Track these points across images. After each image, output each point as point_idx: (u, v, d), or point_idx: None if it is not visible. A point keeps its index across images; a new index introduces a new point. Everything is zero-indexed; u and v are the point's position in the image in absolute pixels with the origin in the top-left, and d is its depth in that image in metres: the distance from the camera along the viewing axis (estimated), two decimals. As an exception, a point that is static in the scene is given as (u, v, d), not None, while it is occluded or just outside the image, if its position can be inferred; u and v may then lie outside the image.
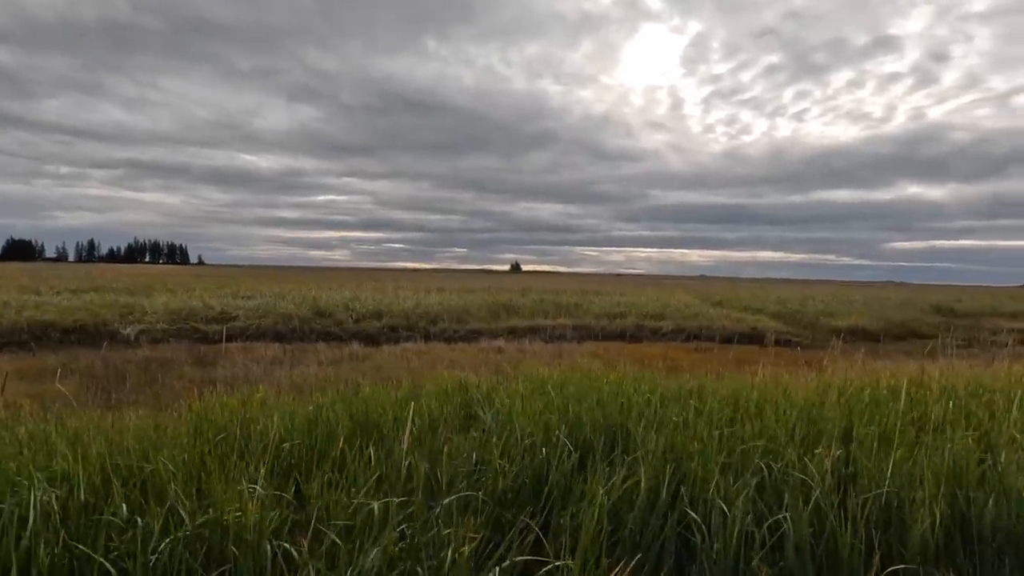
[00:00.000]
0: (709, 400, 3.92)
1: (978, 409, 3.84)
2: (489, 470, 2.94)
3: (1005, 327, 23.72)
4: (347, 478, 2.89)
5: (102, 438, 3.51)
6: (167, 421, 4.33)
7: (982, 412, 3.78)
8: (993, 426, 3.46)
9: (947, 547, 2.21)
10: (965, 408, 3.86)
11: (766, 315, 22.87)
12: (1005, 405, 4.00)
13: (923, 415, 3.53)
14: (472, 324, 18.18)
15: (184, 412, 4.32)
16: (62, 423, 3.95)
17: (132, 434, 3.50)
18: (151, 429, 3.87)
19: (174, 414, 4.44)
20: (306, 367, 10.01)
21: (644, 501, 2.27)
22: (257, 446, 3.29)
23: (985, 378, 5.23)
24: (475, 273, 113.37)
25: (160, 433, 3.58)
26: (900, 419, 3.17)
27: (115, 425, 4.08)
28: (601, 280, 73.76)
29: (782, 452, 2.62)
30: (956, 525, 2.27)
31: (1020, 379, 5.30)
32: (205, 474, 2.82)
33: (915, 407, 3.68)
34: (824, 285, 75.63)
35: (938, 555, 2.17)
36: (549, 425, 3.32)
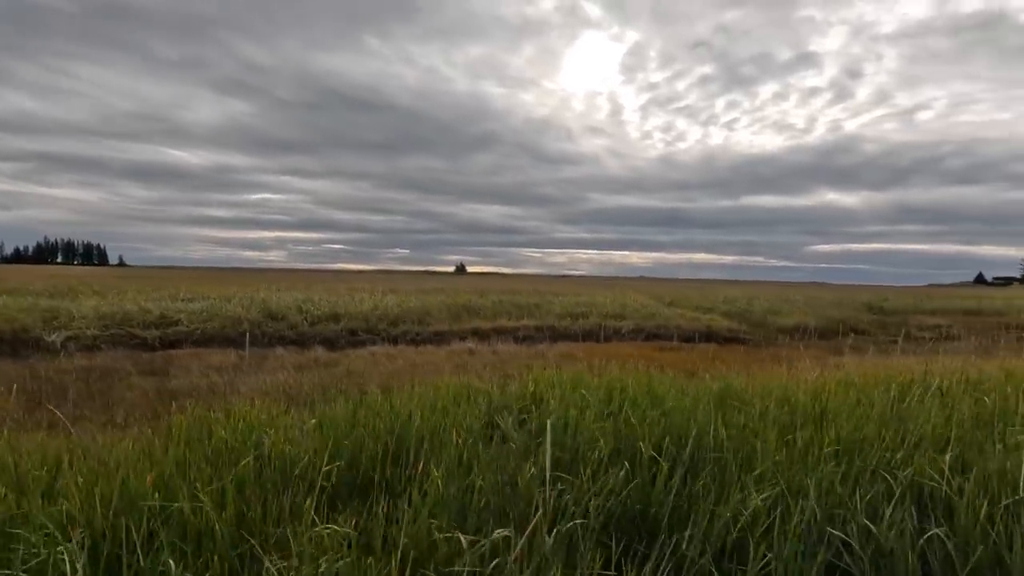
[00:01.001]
0: (758, 403, 3.79)
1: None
2: (571, 489, 2.64)
3: (929, 323, 25.75)
4: (412, 506, 2.51)
5: (86, 467, 2.95)
6: (156, 443, 3.76)
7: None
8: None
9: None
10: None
11: (717, 314, 23.61)
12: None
13: (998, 411, 3.49)
14: (434, 326, 17.68)
15: (178, 431, 3.75)
16: (20, 449, 3.32)
17: (130, 461, 2.95)
18: (144, 454, 3.31)
19: (169, 434, 3.85)
20: (272, 374, 9.27)
21: (794, 528, 2.03)
22: (291, 472, 2.83)
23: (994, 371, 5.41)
24: (419, 275, 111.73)
25: (164, 459, 3.05)
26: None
27: (91, 451, 3.48)
28: (546, 281, 74.41)
29: (903, 459, 2.47)
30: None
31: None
32: (249, 512, 2.37)
33: (978, 404, 3.68)
34: (753, 285, 79.54)
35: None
36: (622, 435, 3.05)
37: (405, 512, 2.26)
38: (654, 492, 2.43)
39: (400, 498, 2.64)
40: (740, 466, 2.68)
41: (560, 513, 2.49)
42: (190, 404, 5.11)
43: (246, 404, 4.76)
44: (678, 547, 2.15)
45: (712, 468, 2.68)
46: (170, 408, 6.75)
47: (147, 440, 3.52)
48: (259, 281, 35.82)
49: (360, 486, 2.94)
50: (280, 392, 7.46)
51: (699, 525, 2.15)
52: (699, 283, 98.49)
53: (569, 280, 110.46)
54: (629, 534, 2.31)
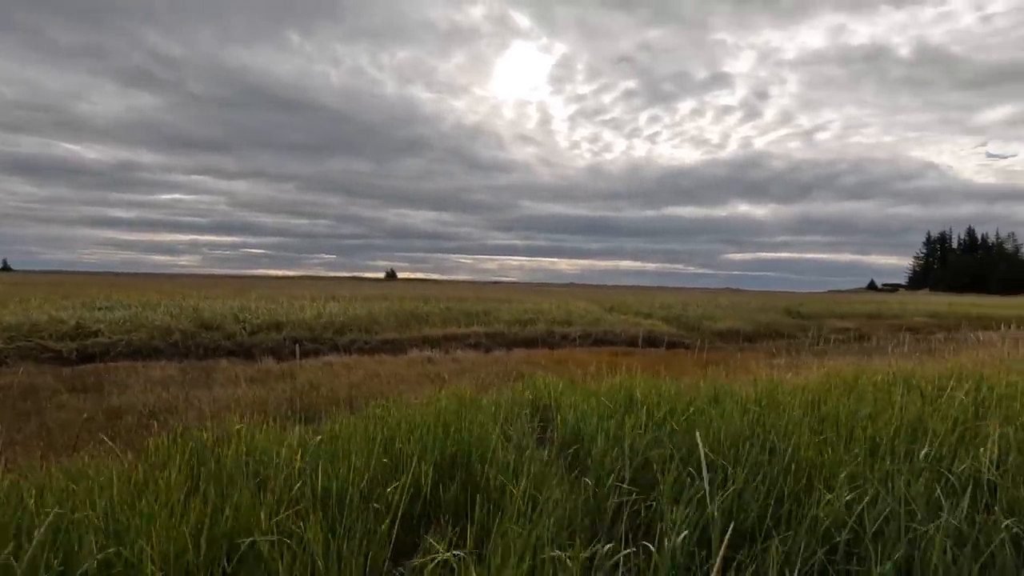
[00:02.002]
0: (788, 406, 3.94)
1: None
2: (648, 498, 2.63)
3: (840, 326, 28.10)
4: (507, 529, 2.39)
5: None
6: (140, 468, 3.39)
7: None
8: None
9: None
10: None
11: (656, 319, 24.55)
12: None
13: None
14: (383, 334, 17.16)
15: (178, 458, 3.38)
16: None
17: (145, 496, 2.62)
18: (136, 481, 2.97)
19: (148, 457, 3.47)
20: (225, 388, 8.62)
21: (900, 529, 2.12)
22: (351, 496, 2.62)
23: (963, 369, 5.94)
24: (347, 281, 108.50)
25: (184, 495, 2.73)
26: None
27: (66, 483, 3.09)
28: (478, 288, 74.29)
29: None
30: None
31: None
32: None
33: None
34: (676, 291, 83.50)
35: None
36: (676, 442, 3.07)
37: (512, 531, 2.15)
38: (742, 500, 2.46)
39: (487, 517, 2.52)
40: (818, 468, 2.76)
41: (644, 524, 2.47)
42: (171, 424, 4.66)
43: (235, 422, 4.40)
44: (774, 553, 2.19)
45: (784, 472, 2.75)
46: (125, 429, 6.11)
47: (130, 466, 3.16)
48: (173, 287, 33.27)
49: (430, 506, 2.76)
50: (249, 407, 6.94)
51: (801, 527, 2.20)
52: (626, 289, 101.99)
53: (501, 286, 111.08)
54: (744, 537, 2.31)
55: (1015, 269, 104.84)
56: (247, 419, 5.09)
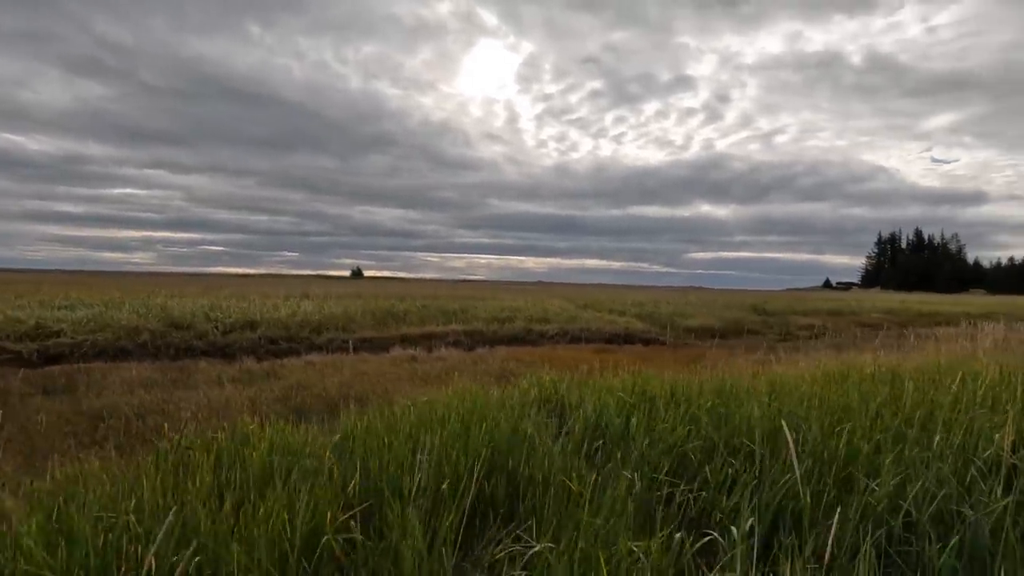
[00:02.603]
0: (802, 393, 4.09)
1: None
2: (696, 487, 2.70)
3: (804, 323, 29.15)
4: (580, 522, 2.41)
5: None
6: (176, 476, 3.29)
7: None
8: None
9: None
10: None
11: (630, 316, 24.95)
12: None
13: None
14: (361, 333, 16.92)
15: (204, 461, 3.29)
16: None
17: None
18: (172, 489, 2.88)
19: (159, 463, 3.37)
20: (210, 389, 8.36)
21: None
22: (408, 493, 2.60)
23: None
24: (312, 279, 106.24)
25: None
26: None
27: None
28: (447, 286, 73.73)
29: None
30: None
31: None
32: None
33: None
34: (642, 289, 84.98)
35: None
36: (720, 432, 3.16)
37: (585, 523, 2.18)
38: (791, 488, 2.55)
39: (541, 512, 2.54)
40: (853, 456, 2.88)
41: (696, 513, 2.53)
42: (165, 427, 4.52)
43: (248, 423, 4.31)
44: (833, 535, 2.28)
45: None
46: (115, 432, 5.88)
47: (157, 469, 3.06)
48: (130, 285, 31.92)
49: (480, 502, 2.76)
50: (241, 408, 6.77)
51: (850, 511, 2.30)
52: (594, 287, 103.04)
53: (470, 285, 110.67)
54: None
55: (958, 269, 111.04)
56: (243, 420, 4.98)
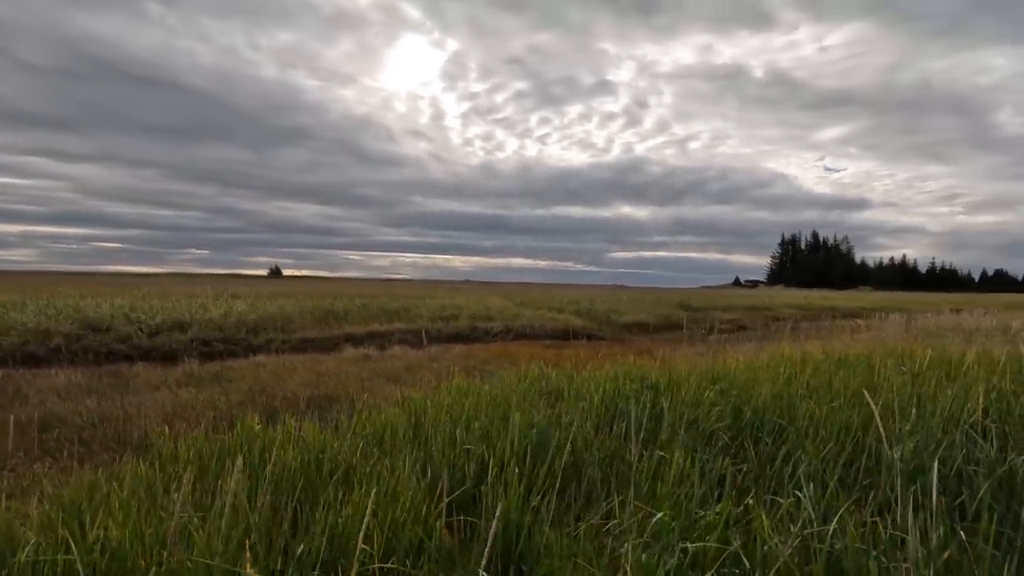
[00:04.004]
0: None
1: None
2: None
3: (725, 318, 31.20)
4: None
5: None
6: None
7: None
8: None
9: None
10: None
11: (568, 313, 25.60)
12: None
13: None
14: (302, 333, 16.24)
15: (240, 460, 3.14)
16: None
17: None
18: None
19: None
20: (160, 393, 7.77)
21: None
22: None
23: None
24: (226, 278, 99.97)
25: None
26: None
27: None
28: (371, 285, 71.88)
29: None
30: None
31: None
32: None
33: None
34: (567, 287, 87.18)
35: None
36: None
37: (669, 495, 2.33)
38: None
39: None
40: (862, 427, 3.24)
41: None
42: (128, 434, 4.27)
43: (254, 422, 4.13)
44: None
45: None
46: (68, 440, 5.39)
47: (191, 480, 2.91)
48: (15, 284, 28.62)
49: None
50: (203, 412, 6.38)
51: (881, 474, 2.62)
52: (521, 286, 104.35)
53: (394, 284, 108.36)
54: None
55: (849, 267, 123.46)
56: (206, 424, 4.77)
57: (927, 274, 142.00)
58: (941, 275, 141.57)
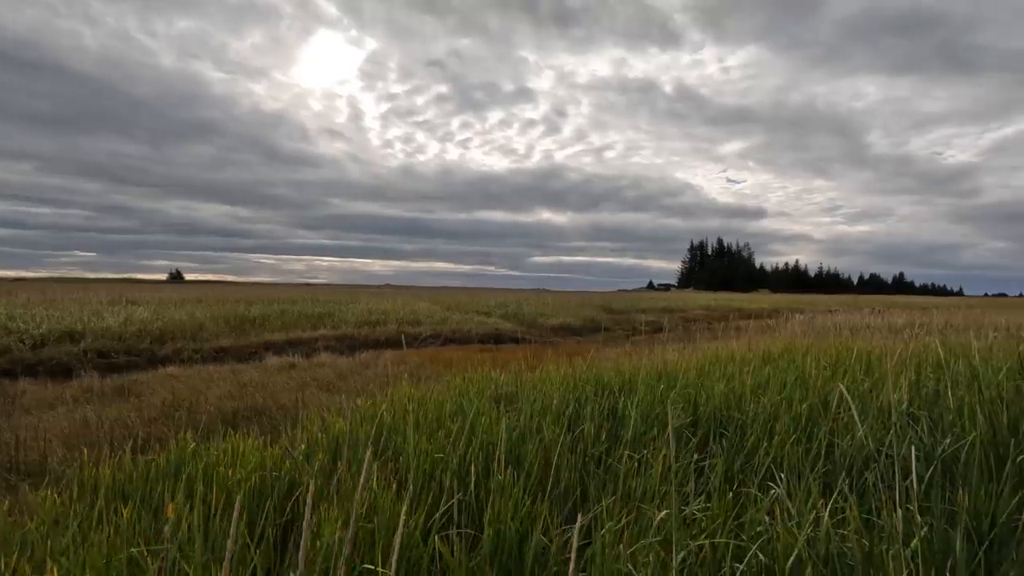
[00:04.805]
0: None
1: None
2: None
3: (645, 319, 32.61)
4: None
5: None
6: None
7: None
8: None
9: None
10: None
11: (496, 317, 25.67)
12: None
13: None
14: (215, 342, 15.08)
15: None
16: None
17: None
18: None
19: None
20: (57, 412, 6.89)
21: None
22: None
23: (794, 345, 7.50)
24: (117, 283, 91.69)
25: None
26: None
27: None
28: (285, 289, 68.43)
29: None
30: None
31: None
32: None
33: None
34: (492, 292, 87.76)
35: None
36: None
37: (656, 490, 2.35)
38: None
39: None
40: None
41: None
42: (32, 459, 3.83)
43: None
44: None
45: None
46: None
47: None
48: None
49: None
50: (112, 432, 5.74)
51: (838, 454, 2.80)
52: (443, 290, 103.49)
53: (312, 288, 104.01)
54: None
55: (750, 271, 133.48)
56: (183, 439, 4.38)
57: (815, 277, 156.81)
58: (826, 278, 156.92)
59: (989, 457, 2.60)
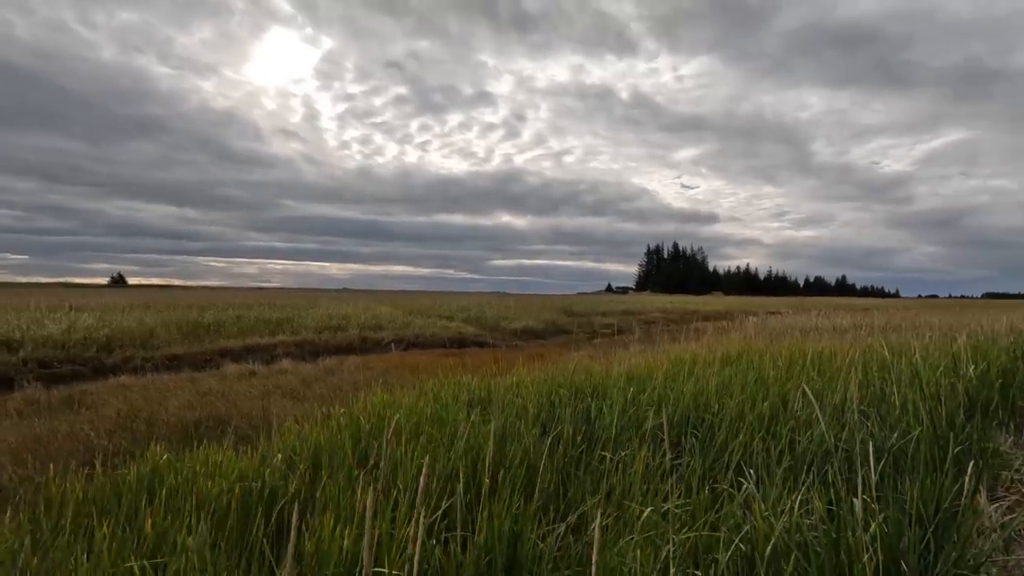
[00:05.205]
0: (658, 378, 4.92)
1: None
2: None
3: (605, 322, 33.20)
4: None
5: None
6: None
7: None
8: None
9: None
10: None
11: (459, 321, 25.62)
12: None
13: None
14: (168, 349, 14.51)
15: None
16: None
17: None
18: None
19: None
20: (6, 423, 6.52)
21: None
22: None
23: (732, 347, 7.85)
24: (53, 288, 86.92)
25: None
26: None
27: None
28: (239, 294, 66.14)
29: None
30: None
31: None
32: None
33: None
34: (453, 295, 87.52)
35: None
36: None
37: (639, 490, 2.47)
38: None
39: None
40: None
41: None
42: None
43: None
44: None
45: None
46: None
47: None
48: None
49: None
50: (64, 447, 5.51)
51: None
52: (402, 294, 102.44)
53: (266, 292, 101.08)
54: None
55: (704, 275, 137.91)
56: (153, 449, 4.28)
57: (765, 280, 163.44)
58: (775, 281, 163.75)
59: (933, 449, 2.85)
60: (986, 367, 5.70)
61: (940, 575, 2.17)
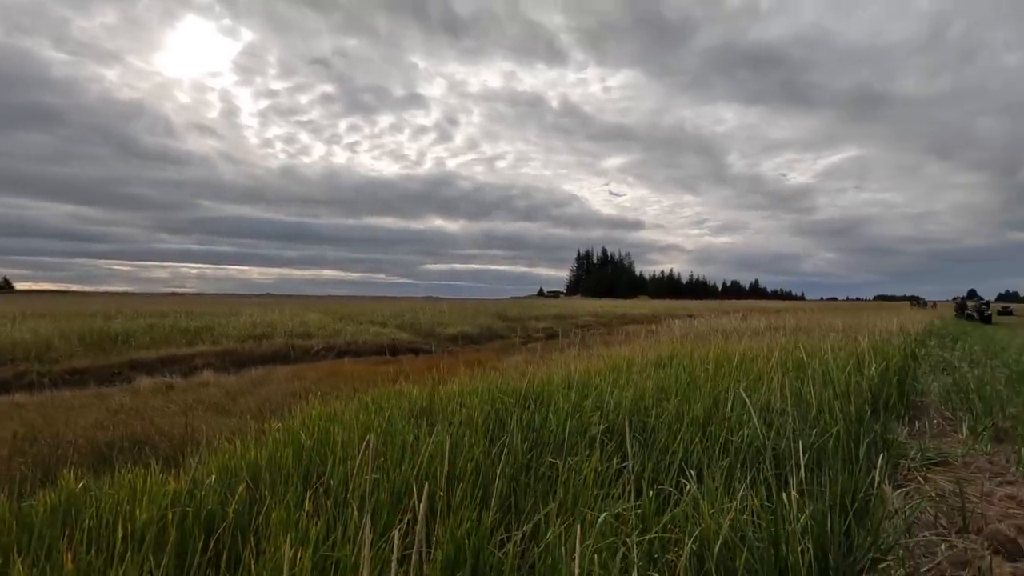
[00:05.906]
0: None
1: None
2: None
3: (539, 326, 33.67)
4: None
5: None
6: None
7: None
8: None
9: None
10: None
11: (392, 327, 25.13)
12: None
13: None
14: (69, 362, 13.29)
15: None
16: None
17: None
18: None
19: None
20: None
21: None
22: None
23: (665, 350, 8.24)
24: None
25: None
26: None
27: None
28: (149, 300, 61.45)
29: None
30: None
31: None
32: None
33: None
34: (381, 300, 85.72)
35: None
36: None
37: (590, 496, 2.55)
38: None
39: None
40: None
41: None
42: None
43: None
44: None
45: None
46: None
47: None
48: None
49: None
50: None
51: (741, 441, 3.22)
52: (331, 299, 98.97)
53: (181, 298, 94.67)
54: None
55: (631, 279, 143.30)
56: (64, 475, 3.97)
57: (687, 284, 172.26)
58: (696, 285, 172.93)
59: (848, 444, 3.14)
60: (885, 366, 6.32)
61: (859, 560, 2.39)
